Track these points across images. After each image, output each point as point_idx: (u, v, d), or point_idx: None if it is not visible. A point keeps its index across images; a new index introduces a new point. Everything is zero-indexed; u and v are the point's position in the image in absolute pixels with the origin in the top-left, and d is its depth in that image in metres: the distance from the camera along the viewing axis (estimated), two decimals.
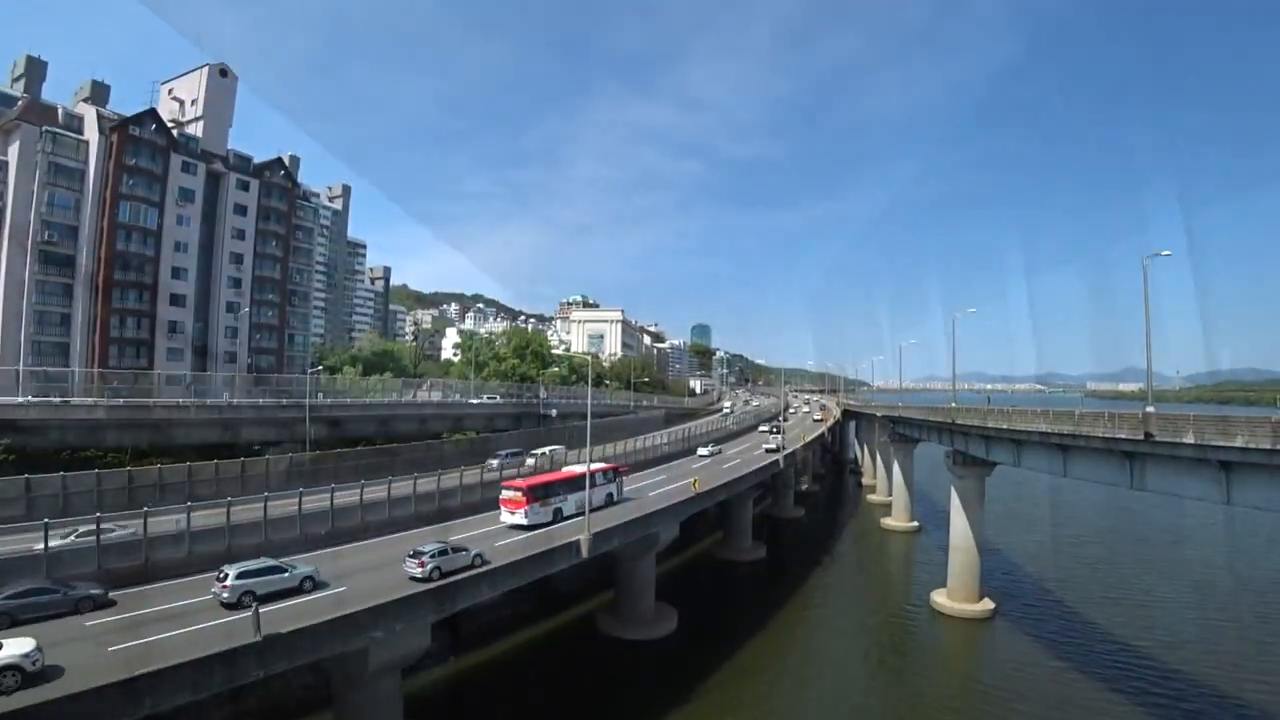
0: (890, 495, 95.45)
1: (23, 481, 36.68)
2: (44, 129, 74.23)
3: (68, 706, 19.15)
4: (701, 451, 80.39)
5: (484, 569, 33.74)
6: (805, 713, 39.73)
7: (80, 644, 23.02)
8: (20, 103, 77.53)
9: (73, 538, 31.17)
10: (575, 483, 46.18)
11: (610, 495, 50.45)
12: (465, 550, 34.23)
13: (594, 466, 49.24)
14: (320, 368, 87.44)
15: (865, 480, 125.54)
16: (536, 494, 43.60)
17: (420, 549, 32.65)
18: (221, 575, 28.04)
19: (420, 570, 31.49)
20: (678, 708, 38.65)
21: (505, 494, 43.65)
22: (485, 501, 47.27)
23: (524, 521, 42.19)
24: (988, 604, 56.37)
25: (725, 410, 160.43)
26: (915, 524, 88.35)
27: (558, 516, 44.24)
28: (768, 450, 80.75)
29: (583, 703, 39.53)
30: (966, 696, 42.54)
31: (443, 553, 32.93)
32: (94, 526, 30.62)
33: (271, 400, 67.89)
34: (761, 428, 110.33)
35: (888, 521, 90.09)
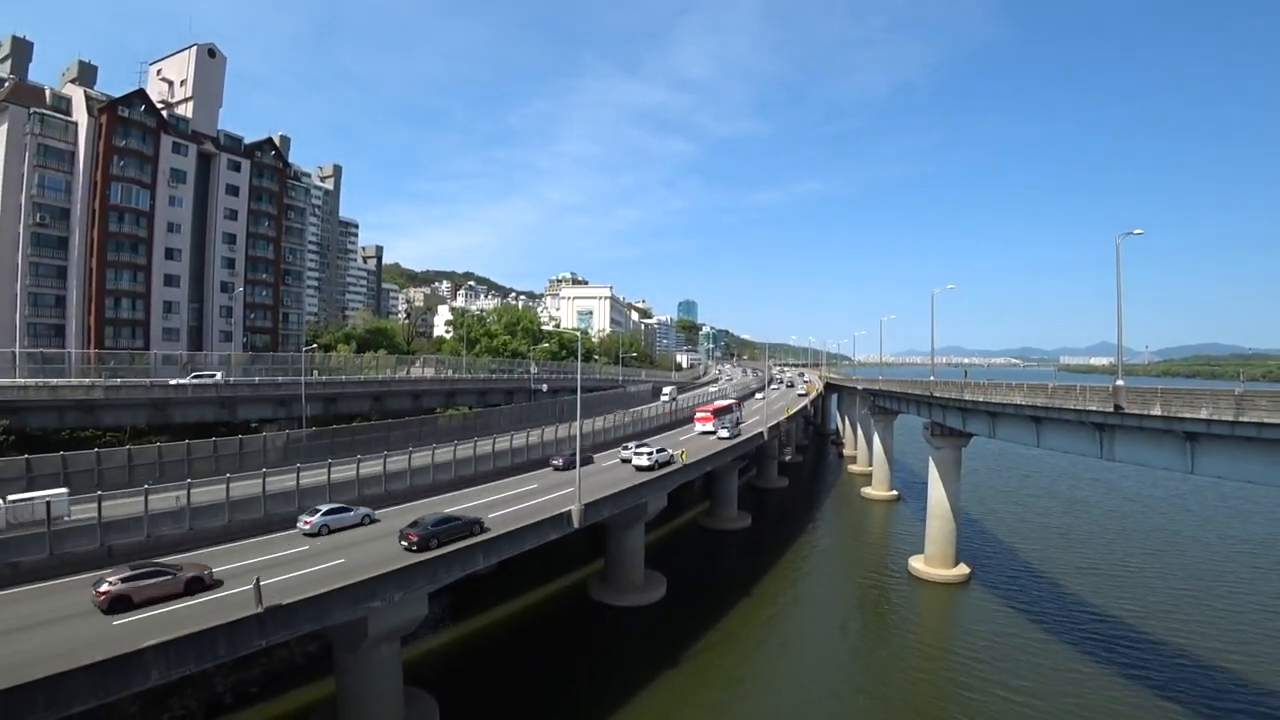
0: (871, 466, 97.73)
1: (23, 462, 37.60)
2: (32, 110, 74.00)
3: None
4: (758, 395, 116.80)
5: (480, 538, 35.07)
6: (788, 675, 41.46)
7: None
8: (7, 84, 77.19)
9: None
10: (729, 409, 79.66)
11: (738, 420, 79.73)
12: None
13: (731, 401, 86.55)
14: (315, 346, 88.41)
15: (846, 451, 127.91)
16: (717, 414, 75.91)
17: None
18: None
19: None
20: (667, 671, 40.38)
21: (700, 414, 78.00)
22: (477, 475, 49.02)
23: (712, 429, 73.80)
24: (963, 569, 58.51)
25: (665, 397, 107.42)
26: (895, 493, 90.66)
27: (723, 426, 73.59)
28: (799, 395, 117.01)
29: (575, 668, 41.32)
30: (942, 658, 44.45)
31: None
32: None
33: (268, 378, 69.00)
34: (773, 386, 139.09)
35: (868, 491, 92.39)
